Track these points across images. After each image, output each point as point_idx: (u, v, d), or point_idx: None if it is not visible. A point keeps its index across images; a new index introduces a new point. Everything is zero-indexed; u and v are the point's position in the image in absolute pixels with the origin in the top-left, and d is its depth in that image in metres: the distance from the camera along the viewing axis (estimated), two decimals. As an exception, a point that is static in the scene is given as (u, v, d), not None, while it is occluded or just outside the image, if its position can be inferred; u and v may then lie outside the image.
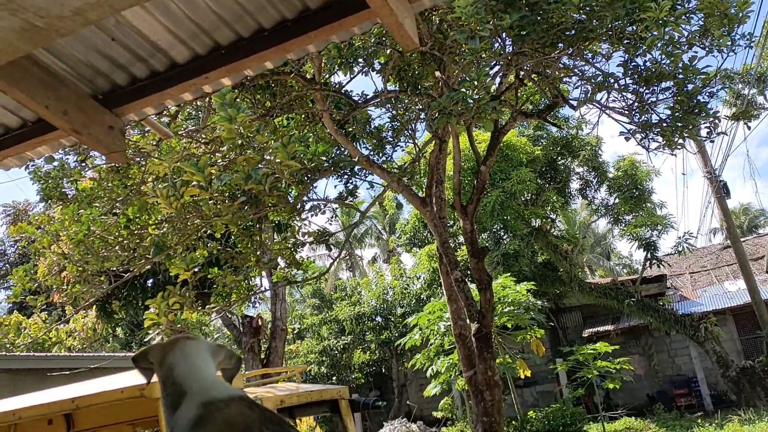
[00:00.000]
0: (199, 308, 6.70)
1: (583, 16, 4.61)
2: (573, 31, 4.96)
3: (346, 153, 7.29)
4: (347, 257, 36.47)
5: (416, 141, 8.48)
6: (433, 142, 7.89)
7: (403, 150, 9.57)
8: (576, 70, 6.03)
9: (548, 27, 4.85)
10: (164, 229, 8.19)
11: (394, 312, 24.11)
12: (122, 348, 23.66)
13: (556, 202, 23.61)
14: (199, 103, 8.61)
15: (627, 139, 6.08)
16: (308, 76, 8.18)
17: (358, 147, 8.82)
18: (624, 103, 5.78)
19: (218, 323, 30.93)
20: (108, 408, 4.54)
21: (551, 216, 23.78)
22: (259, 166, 4.52)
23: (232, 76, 2.91)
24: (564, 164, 23.73)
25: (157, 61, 2.84)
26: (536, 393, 23.92)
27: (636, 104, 5.39)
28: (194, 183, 4.63)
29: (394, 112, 9.48)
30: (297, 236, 5.51)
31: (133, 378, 4.29)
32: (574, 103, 6.00)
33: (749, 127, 23.44)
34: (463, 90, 4.63)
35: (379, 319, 24.44)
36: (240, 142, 4.32)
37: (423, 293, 23.35)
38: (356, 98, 8.32)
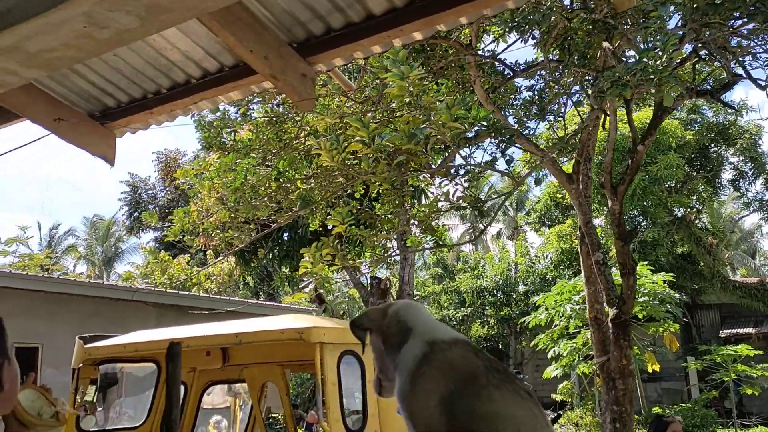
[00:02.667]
0: (349, 261, 6.88)
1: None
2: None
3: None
4: (471, 230, 36.20)
5: (575, 108, 8.12)
6: (588, 118, 7.54)
7: (551, 123, 9.20)
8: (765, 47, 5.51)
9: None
10: (311, 185, 8.46)
11: (516, 289, 23.77)
12: (252, 296, 24.98)
13: (704, 192, 22.05)
14: (353, 64, 8.74)
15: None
16: (464, 42, 8.06)
17: (508, 118, 8.63)
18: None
19: (341, 282, 31.91)
20: (263, 347, 4.79)
21: (697, 206, 22.26)
22: (423, 126, 4.52)
23: (424, 30, 2.89)
24: (717, 152, 22.08)
25: (354, 12, 2.87)
26: (660, 389, 22.82)
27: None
28: (357, 138, 4.71)
29: (542, 84, 9.15)
30: (451, 199, 5.48)
31: (292, 321, 4.49)
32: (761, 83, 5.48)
33: None
34: (645, 59, 4.34)
35: (500, 294, 24.18)
36: (408, 100, 4.32)
37: (549, 273, 22.79)
38: (511, 68, 8.12)
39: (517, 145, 7.02)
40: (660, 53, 4.32)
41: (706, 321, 23.51)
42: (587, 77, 6.82)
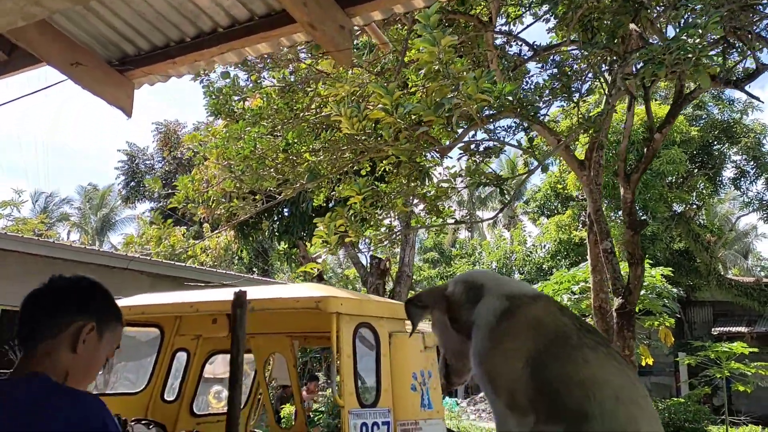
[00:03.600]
0: (363, 234, 6.73)
1: None
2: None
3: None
4: (468, 216, 36.12)
5: (606, 93, 7.96)
6: (611, 101, 7.37)
7: (575, 103, 8.98)
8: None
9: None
10: (320, 158, 8.29)
11: (512, 277, 23.72)
12: (246, 271, 24.82)
13: (704, 189, 21.98)
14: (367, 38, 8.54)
15: None
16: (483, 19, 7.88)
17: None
18: None
19: (334, 264, 31.78)
20: (273, 316, 4.64)
21: (696, 203, 22.20)
22: (450, 96, 4.35)
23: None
24: (720, 150, 22.00)
25: (399, -40, 2.70)
26: (650, 383, 22.85)
27: None
28: (380, 106, 4.54)
29: (565, 64, 8.96)
30: (473, 176, 5.33)
31: (306, 290, 4.35)
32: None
33: None
34: (684, 37, 4.18)
35: (496, 282, 24.13)
36: (437, 68, 4.15)
37: (545, 263, 22.73)
38: (533, 47, 7.94)
39: (531, 125, 6.85)
40: (700, 31, 4.16)
41: (698, 318, 23.55)
42: (612, 58, 6.65)
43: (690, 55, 4.20)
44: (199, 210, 8.44)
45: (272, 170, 8.29)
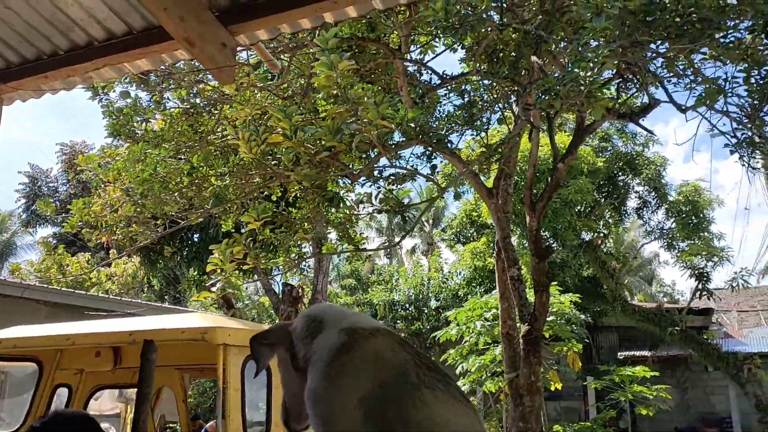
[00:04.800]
0: (263, 261, 6.52)
1: (725, 7, 4.22)
2: (700, 25, 4.57)
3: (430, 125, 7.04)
4: (387, 244, 36.24)
5: (498, 125, 8.12)
6: (514, 131, 7.54)
7: (473, 137, 9.18)
8: (686, 71, 5.62)
9: (676, 16, 4.48)
10: (226, 182, 8.06)
11: (428, 304, 23.83)
12: (157, 299, 23.88)
13: (611, 218, 22.91)
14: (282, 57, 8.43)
15: (732, 152, 5.66)
16: (392, 47, 7.93)
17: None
18: (736, 113, 5.36)
19: (251, 290, 31.09)
20: (160, 348, 4.38)
21: (603, 231, 23.09)
22: (349, 121, 4.28)
23: (359, 6, 2.66)
24: (624, 181, 23.04)
25: (284, -22, 2.61)
26: (560, 408, 23.39)
27: (755, 115, 4.98)
28: (279, 130, 4.42)
29: (466, 99, 9.15)
30: (374, 202, 5.26)
31: (193, 320, 4.12)
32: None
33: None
34: (576, 70, 4.29)
35: (412, 309, 24.18)
36: (335, 92, 4.08)
37: (461, 290, 22.99)
38: (440, 76, 8.04)
39: (438, 153, 6.90)
40: (591, 65, 4.28)
41: (605, 342, 24.35)
42: (515, 89, 6.81)
43: (582, 88, 4.31)
44: (95, 235, 8.00)
45: (176, 194, 7.99)
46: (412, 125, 4.99)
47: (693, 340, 20.40)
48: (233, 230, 9.93)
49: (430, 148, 6.81)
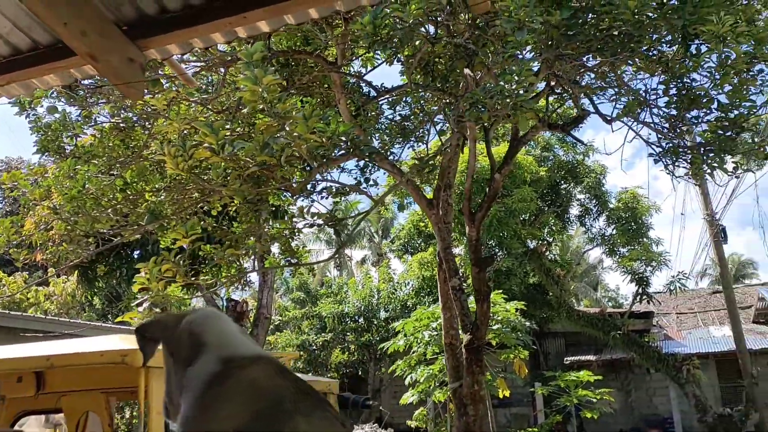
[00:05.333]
0: (193, 279, 6.38)
1: (642, 21, 4.36)
2: (620, 39, 4.72)
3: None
4: (338, 257, 36.12)
5: (439, 137, 8.19)
6: (449, 143, 7.63)
7: (413, 149, 9.26)
8: (612, 83, 5.79)
9: (597, 31, 4.60)
10: (161, 197, 7.89)
11: (377, 315, 23.82)
12: (99, 318, 23.18)
13: (555, 226, 23.40)
14: (212, 75, 8.33)
15: (656, 161, 5.84)
16: (330, 59, 7.93)
17: (372, 140, 8.56)
18: (659, 123, 5.54)
19: (199, 305, 30.49)
20: (82, 372, 4.24)
21: (548, 239, 23.56)
22: (277, 135, 4.24)
23: (271, 21, 2.64)
24: (566, 189, 23.58)
25: (192, -9, 2.56)
26: (510, 414, 23.67)
27: (675, 125, 5.16)
28: (206, 145, 4.34)
29: (407, 110, 9.23)
30: (305, 216, 5.22)
31: (114, 342, 3.99)
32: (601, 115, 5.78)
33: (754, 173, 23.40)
34: (502, 83, 4.36)
35: (361, 320, 24.12)
36: (261, 106, 4.03)
37: (410, 300, 23.06)
38: (376, 89, 8.07)
39: (377, 165, 6.91)
40: (516, 78, 4.35)
41: (552, 348, 24.78)
42: (447, 101, 6.88)
43: (508, 100, 4.38)
44: (23, 255, 7.71)
45: (110, 211, 7.77)
46: (344, 138, 4.99)
47: (635, 344, 20.94)
48: (174, 246, 9.73)
49: (360, 160, 6.82)
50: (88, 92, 6.77)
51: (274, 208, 9.96)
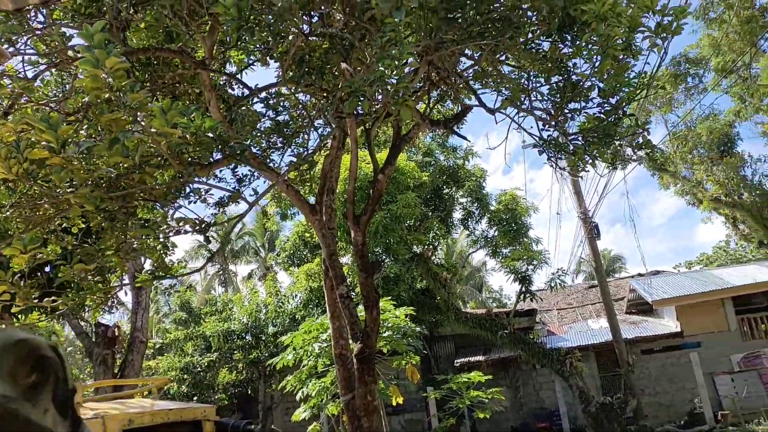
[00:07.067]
0: (35, 301, 5.58)
1: (521, 4, 4.20)
2: (500, 25, 4.55)
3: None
4: (221, 273, 34.81)
5: (321, 136, 7.78)
6: (329, 145, 7.26)
7: (292, 153, 8.82)
8: (494, 73, 5.65)
9: (477, 14, 4.41)
10: (8, 213, 6.95)
11: (266, 331, 23.00)
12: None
13: (439, 230, 23.66)
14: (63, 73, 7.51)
15: (540, 152, 5.77)
16: (199, 58, 7.35)
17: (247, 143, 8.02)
18: (542, 114, 5.45)
19: (72, 333, 28.26)
20: None
21: (433, 243, 23.78)
22: (130, 128, 3.68)
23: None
24: (449, 193, 23.93)
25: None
26: (404, 421, 23.60)
27: (557, 113, 5.07)
28: (43, 143, 3.71)
29: (287, 117, 8.78)
30: (168, 222, 4.65)
31: None
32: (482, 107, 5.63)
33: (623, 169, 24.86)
34: (381, 68, 4.05)
35: (249, 337, 23.20)
36: (107, 96, 3.47)
37: (298, 313, 22.46)
38: (250, 89, 7.57)
39: (252, 167, 6.42)
40: (396, 63, 4.05)
41: (443, 351, 25.01)
42: (324, 96, 6.52)
43: (389, 87, 4.06)
44: None
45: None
46: (210, 135, 4.48)
47: (521, 341, 21.50)
48: (17, 268, 8.69)
49: (231, 161, 6.31)
50: None
51: (143, 222, 9.15)
